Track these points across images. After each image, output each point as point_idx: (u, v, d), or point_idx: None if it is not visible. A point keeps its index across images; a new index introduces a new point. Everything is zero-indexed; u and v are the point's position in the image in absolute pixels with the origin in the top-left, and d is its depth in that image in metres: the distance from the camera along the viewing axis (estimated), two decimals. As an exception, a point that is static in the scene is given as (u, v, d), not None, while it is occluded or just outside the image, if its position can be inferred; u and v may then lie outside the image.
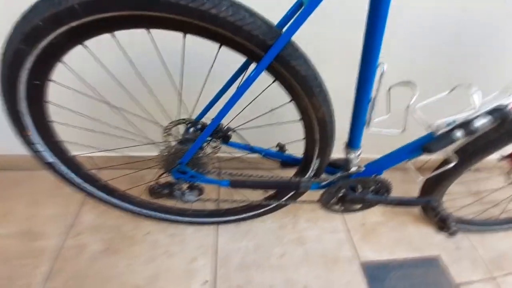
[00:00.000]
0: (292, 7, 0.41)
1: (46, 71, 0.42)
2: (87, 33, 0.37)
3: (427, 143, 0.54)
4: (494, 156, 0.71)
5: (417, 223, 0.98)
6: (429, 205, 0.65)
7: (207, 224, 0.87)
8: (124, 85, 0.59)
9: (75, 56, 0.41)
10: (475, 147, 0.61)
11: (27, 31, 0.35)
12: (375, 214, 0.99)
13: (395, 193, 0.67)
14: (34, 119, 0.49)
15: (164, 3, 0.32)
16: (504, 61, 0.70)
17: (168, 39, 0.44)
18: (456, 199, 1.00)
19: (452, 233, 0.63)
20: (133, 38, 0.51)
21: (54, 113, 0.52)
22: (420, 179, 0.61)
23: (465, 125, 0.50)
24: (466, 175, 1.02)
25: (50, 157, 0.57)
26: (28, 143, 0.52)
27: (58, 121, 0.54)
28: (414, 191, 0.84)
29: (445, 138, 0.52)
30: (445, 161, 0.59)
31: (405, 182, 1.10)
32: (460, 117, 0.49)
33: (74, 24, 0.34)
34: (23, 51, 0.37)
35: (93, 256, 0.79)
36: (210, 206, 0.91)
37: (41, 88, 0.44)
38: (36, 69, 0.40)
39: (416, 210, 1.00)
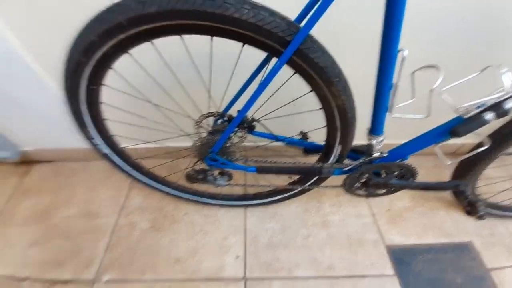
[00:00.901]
0: (309, 2, 0.43)
1: (100, 78, 0.50)
2: (132, 43, 0.44)
3: (455, 126, 0.53)
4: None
5: (448, 209, 0.95)
6: (458, 190, 0.64)
7: (236, 206, 0.95)
8: (161, 84, 0.66)
9: (122, 62, 0.49)
10: (511, 129, 0.58)
11: (85, 46, 0.43)
12: (403, 199, 0.98)
13: (427, 178, 0.67)
14: (92, 118, 0.59)
15: (195, 12, 0.37)
16: None
17: (196, 42, 0.49)
18: (494, 184, 0.94)
19: (480, 217, 0.61)
20: (167, 43, 0.57)
21: (106, 111, 0.61)
22: (449, 163, 0.60)
23: (496, 107, 0.48)
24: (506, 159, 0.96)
25: (105, 149, 0.68)
26: (88, 137, 0.63)
27: (110, 119, 0.63)
28: (446, 176, 0.82)
29: (474, 120, 0.50)
30: (478, 145, 0.57)
31: (437, 167, 1.06)
32: (490, 99, 0.47)
33: (122, 36, 0.41)
34: (83, 63, 0.45)
35: (141, 232, 0.92)
36: (238, 191, 0.98)
37: (97, 92, 0.53)
38: (92, 77, 0.49)
39: (448, 196, 0.97)
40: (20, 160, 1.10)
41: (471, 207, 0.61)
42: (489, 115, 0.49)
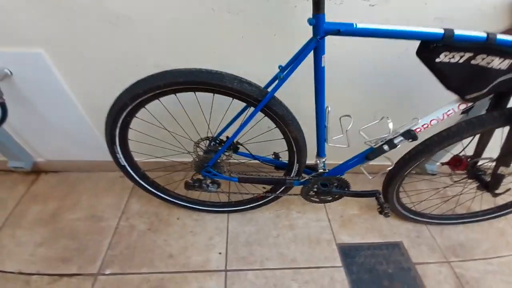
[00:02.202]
0: (273, 77, 0.71)
1: (135, 113, 0.74)
2: (162, 95, 0.69)
3: (368, 153, 0.82)
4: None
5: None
6: (376, 196, 0.92)
7: (221, 212, 1.16)
8: (175, 117, 0.91)
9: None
10: (409, 155, 0.88)
11: (133, 94, 0.67)
12: (353, 208, 1.25)
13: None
14: (119, 138, 0.81)
15: (205, 82, 0.63)
16: (412, 97, 0.98)
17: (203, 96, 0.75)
18: (415, 196, 1.24)
19: (385, 214, 0.89)
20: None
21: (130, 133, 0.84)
22: (371, 178, 0.88)
23: (389, 142, 0.77)
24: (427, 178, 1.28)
25: (123, 162, 0.89)
26: (113, 152, 0.84)
27: (131, 139, 0.86)
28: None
29: (378, 150, 0.79)
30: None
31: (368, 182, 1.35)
32: (385, 137, 0.77)
33: (158, 91, 0.66)
34: (127, 104, 0.69)
35: (139, 233, 1.09)
36: (223, 199, 1.20)
37: (129, 121, 0.76)
38: (130, 112, 0.72)
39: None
40: (31, 170, 1.25)
41: (381, 208, 0.89)
42: (386, 147, 0.78)
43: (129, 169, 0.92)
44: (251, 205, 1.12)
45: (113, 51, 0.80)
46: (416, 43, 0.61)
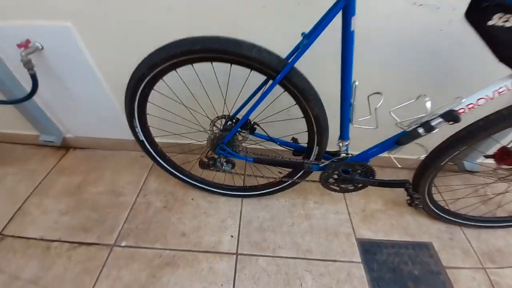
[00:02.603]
0: (295, 47, 0.65)
1: (153, 84, 0.73)
2: (180, 65, 0.67)
3: (399, 138, 0.73)
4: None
5: (414, 214, 1.12)
6: (404, 186, 0.82)
7: (235, 196, 1.14)
8: (193, 92, 0.89)
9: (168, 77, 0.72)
10: (447, 142, 0.77)
11: (150, 64, 0.66)
12: (377, 203, 1.16)
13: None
14: (138, 112, 0.81)
15: (224, 50, 0.60)
16: (455, 77, 0.85)
17: (220, 68, 0.72)
18: (449, 193, 1.11)
19: (416, 206, 0.79)
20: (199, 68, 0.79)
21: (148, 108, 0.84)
22: (400, 167, 0.80)
23: (425, 124, 0.68)
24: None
25: (142, 137, 0.89)
26: (132, 126, 0.85)
27: (150, 113, 0.86)
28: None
29: (412, 133, 0.71)
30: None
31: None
32: (421, 118, 0.68)
33: (175, 61, 0.64)
34: (145, 74, 0.68)
35: (155, 210, 1.11)
36: (238, 183, 1.18)
37: (148, 94, 0.76)
38: (148, 83, 0.72)
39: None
40: (61, 145, 1.33)
41: (411, 199, 0.79)
42: (421, 130, 0.69)
43: (147, 144, 0.93)
44: (266, 190, 1.08)
45: (136, 23, 0.80)
46: (464, 6, 0.51)
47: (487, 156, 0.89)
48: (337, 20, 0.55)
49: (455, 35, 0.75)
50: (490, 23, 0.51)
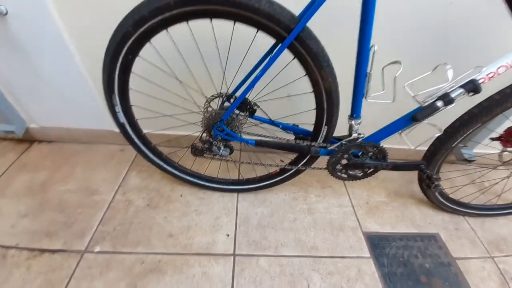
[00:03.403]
0: (308, 4, 0.58)
1: (139, 49, 0.61)
2: (172, 22, 0.56)
3: (415, 113, 0.67)
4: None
5: (419, 205, 1.07)
6: (420, 168, 0.77)
7: (230, 191, 1.02)
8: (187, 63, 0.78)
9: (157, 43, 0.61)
10: (461, 120, 0.73)
11: (136, 19, 0.55)
12: (380, 195, 1.10)
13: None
14: (119, 85, 0.68)
15: (223, 1, 0.51)
16: (476, 45, 0.82)
17: (220, 29, 0.62)
18: (453, 182, 1.09)
19: (436, 187, 0.74)
20: (198, 30, 0.69)
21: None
22: (413, 148, 0.74)
23: (444, 96, 0.63)
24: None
25: (122, 118, 0.76)
26: (112, 104, 0.72)
27: (133, 88, 0.73)
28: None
29: (429, 107, 0.65)
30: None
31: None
32: (439, 89, 0.63)
33: (167, 14, 0.53)
34: (129, 33, 0.57)
35: (137, 209, 0.96)
36: (233, 176, 1.06)
37: (132, 61, 0.64)
38: (133, 46, 0.60)
39: (419, 194, 1.08)
40: (23, 138, 1.14)
41: (429, 180, 0.73)
42: (439, 103, 0.64)
43: (128, 128, 0.79)
44: (265, 182, 0.98)
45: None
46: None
47: (493, 139, 0.86)
48: None
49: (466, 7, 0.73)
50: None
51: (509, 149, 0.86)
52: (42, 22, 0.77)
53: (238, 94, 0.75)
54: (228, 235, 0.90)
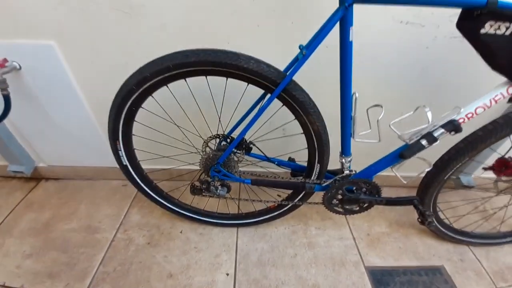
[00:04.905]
0: (292, 60, 0.65)
1: (141, 102, 0.68)
2: (171, 80, 0.63)
3: (402, 151, 0.70)
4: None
5: (420, 235, 1.06)
6: (413, 204, 0.78)
7: (229, 226, 1.03)
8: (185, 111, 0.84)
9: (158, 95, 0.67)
10: (449, 154, 0.76)
11: (139, 79, 0.61)
12: (381, 226, 1.09)
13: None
14: (123, 133, 0.74)
15: (219, 63, 0.57)
16: (453, 86, 0.87)
17: (214, 83, 0.69)
18: (455, 210, 1.08)
19: (429, 224, 0.74)
20: (193, 82, 0.76)
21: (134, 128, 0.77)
22: (405, 183, 0.76)
23: (427, 135, 0.67)
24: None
25: (125, 161, 0.81)
26: (115, 149, 0.77)
27: (135, 134, 0.78)
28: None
29: (415, 146, 0.68)
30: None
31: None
32: (422, 129, 0.66)
33: (167, 75, 0.60)
34: (133, 90, 0.63)
35: (137, 248, 0.96)
36: (232, 211, 1.07)
37: (135, 112, 0.70)
38: (136, 100, 0.66)
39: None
40: (31, 176, 1.19)
41: (423, 217, 0.74)
42: (424, 142, 0.67)
43: (131, 169, 0.84)
44: (264, 217, 0.99)
45: (126, 42, 0.78)
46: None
47: (486, 169, 0.88)
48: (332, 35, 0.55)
49: (441, 51, 0.79)
50: (482, 31, 0.52)
51: (503, 178, 0.87)
52: (54, 74, 0.84)
53: (234, 134, 0.80)
54: (227, 274, 0.89)
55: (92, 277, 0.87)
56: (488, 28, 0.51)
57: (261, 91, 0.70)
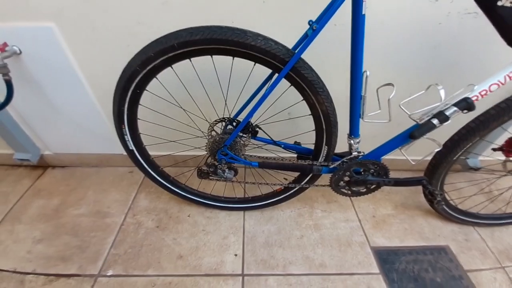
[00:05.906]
0: (301, 37, 0.62)
1: (146, 84, 0.66)
2: (176, 60, 0.61)
3: (412, 131, 0.69)
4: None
5: (426, 217, 1.06)
6: (422, 184, 0.77)
7: (236, 209, 1.04)
8: (190, 93, 0.82)
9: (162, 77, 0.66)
10: (459, 135, 0.75)
11: (143, 59, 0.59)
12: (386, 208, 1.10)
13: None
14: (128, 116, 0.73)
15: (225, 40, 0.55)
16: (467, 64, 0.84)
17: (220, 63, 0.67)
18: (461, 192, 1.08)
19: (438, 204, 0.74)
20: (198, 65, 0.74)
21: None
22: (414, 164, 0.75)
23: (439, 114, 0.65)
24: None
25: (131, 146, 0.80)
26: (121, 134, 0.76)
27: (141, 118, 0.78)
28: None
29: (425, 125, 0.67)
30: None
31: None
32: (434, 108, 0.65)
33: (171, 54, 0.58)
34: (137, 71, 0.62)
35: (146, 231, 0.98)
36: (239, 194, 1.08)
37: (139, 95, 0.68)
38: (140, 82, 0.65)
39: (426, 205, 1.08)
40: (37, 164, 1.19)
41: (432, 196, 0.74)
42: (435, 121, 0.66)
43: (137, 154, 0.83)
44: (271, 200, 0.99)
45: (128, 22, 0.75)
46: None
47: (495, 149, 0.87)
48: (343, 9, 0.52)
49: (455, 28, 0.75)
50: (499, 3, 0.50)
51: (511, 158, 0.86)
52: (54, 58, 0.83)
53: (240, 118, 0.79)
54: (236, 255, 0.91)
55: (104, 259, 0.89)
56: (505, 0, 0.48)
57: (268, 72, 0.68)
